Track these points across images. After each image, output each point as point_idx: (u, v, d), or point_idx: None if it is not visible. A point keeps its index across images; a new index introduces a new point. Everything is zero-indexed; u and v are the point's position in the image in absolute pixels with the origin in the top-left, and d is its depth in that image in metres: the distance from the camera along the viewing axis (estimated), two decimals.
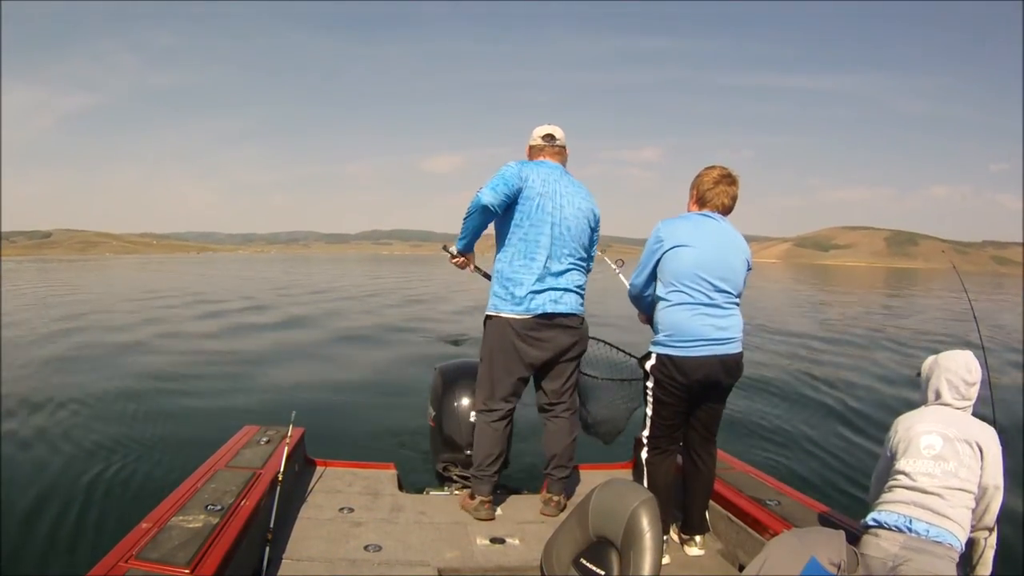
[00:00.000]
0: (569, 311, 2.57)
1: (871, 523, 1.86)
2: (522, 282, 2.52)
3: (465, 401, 2.91)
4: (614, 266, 3.12)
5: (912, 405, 2.04)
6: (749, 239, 2.56)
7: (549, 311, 2.53)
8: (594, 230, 2.68)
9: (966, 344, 2.16)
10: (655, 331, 2.37)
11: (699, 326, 2.25)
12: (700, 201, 2.39)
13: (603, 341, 2.94)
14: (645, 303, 2.52)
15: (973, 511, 1.82)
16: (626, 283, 2.86)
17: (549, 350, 2.58)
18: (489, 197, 2.45)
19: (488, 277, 2.70)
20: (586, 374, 2.89)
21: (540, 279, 2.52)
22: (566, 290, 2.57)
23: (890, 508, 1.84)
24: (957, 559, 1.76)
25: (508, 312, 2.54)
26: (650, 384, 2.36)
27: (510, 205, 2.52)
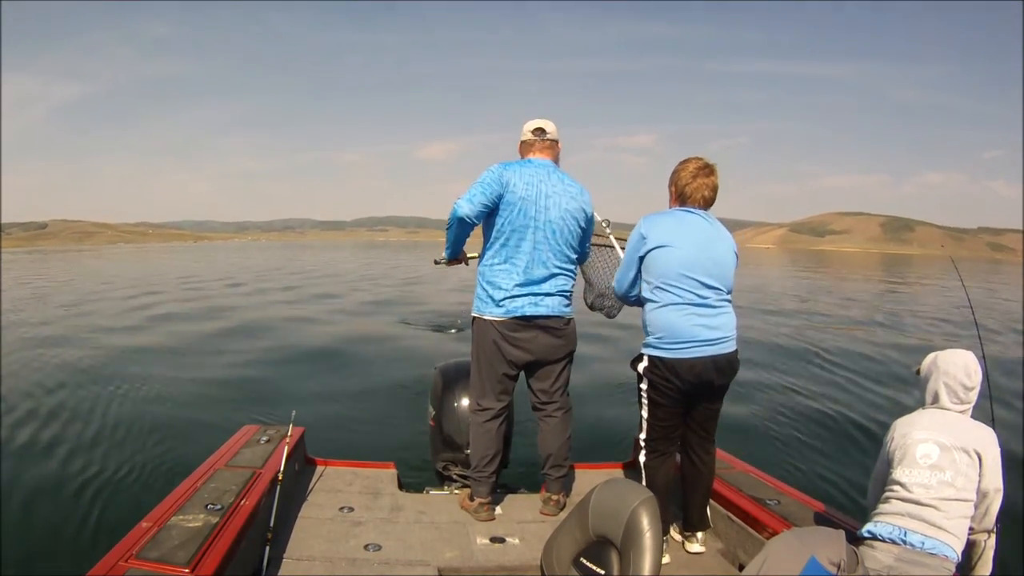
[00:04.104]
0: (550, 313, 2.55)
1: (866, 534, 1.85)
2: (501, 286, 2.52)
3: (465, 401, 2.90)
4: (603, 223, 2.98)
5: (911, 402, 2.03)
6: (744, 225, 2.54)
7: (528, 314, 2.52)
8: (585, 229, 2.65)
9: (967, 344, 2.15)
10: (645, 333, 2.34)
11: (689, 327, 2.22)
12: (681, 197, 2.35)
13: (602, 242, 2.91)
14: (631, 302, 2.49)
15: (972, 516, 1.80)
16: (616, 246, 2.83)
17: (531, 351, 2.57)
18: (466, 209, 2.44)
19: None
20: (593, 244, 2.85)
21: (520, 284, 2.51)
22: (548, 294, 2.55)
23: (885, 520, 1.83)
24: (953, 569, 1.75)
25: (489, 314, 2.54)
26: (643, 386, 2.33)
27: (492, 210, 2.49)
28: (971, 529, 1.82)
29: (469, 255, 2.77)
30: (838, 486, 4.21)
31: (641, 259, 2.31)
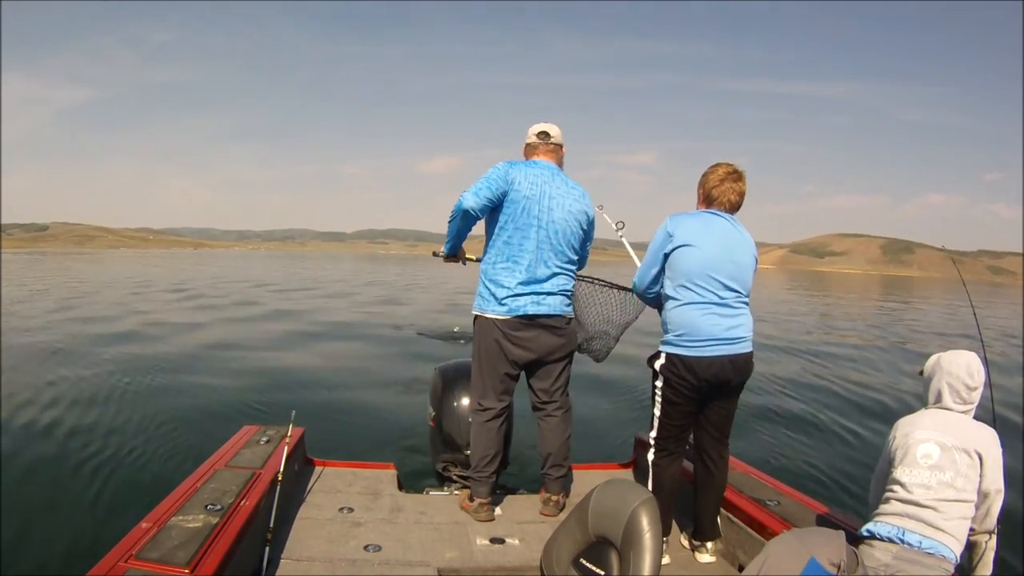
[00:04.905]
0: (552, 312, 2.55)
1: (865, 534, 1.86)
2: (504, 284, 2.52)
3: (464, 401, 2.91)
4: (615, 227, 3.02)
5: (916, 405, 2.03)
6: None
7: (531, 312, 2.52)
8: (586, 232, 2.65)
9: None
10: (664, 330, 2.35)
11: (709, 325, 2.24)
12: (707, 200, 2.37)
13: (591, 279, 2.83)
14: (649, 299, 2.49)
15: (973, 517, 1.80)
16: (631, 251, 2.83)
17: (533, 350, 2.57)
18: (471, 201, 2.44)
19: (479, 261, 2.67)
20: (583, 278, 2.79)
21: (523, 283, 2.51)
22: (550, 293, 2.55)
23: (884, 520, 1.84)
24: (952, 570, 1.75)
25: (491, 312, 2.55)
26: (659, 383, 2.33)
27: (496, 207, 2.50)
28: (972, 530, 1.82)
29: (468, 256, 2.77)
30: (838, 487, 4.21)
31: (666, 256, 2.32)
